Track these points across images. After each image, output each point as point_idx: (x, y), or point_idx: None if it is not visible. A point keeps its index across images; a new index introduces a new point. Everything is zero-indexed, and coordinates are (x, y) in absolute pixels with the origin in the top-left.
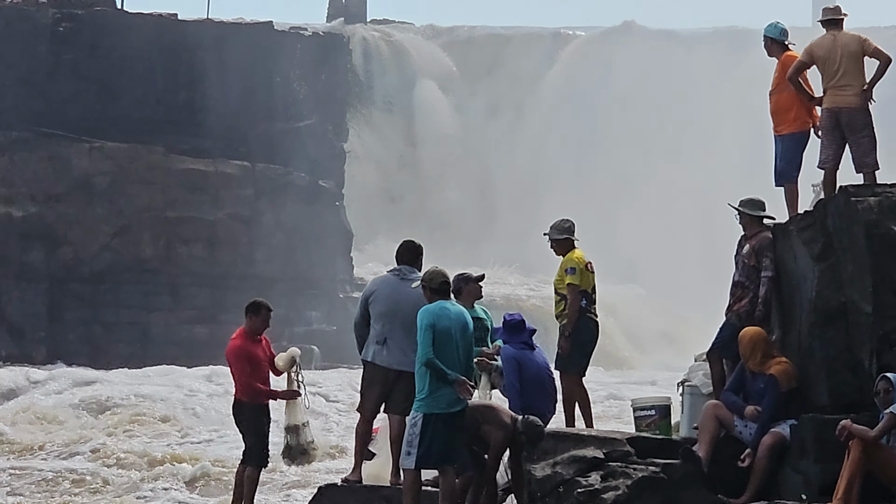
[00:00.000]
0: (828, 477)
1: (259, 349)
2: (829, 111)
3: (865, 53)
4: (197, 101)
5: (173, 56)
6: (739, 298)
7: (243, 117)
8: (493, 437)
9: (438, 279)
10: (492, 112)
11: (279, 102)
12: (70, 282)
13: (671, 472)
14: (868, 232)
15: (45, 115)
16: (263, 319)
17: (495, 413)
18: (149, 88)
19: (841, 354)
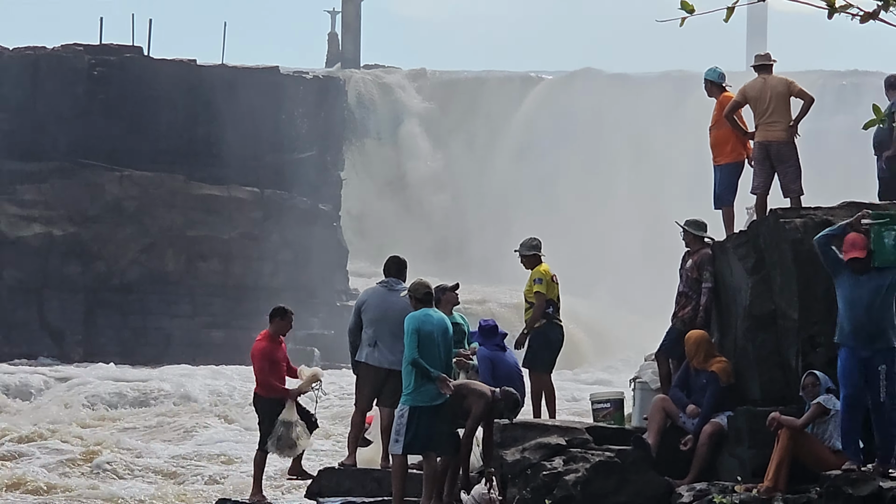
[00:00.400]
0: (760, 461)
1: (279, 351)
2: (760, 144)
3: (792, 94)
4: (213, 136)
5: (193, 96)
6: (683, 306)
7: (253, 149)
8: (474, 406)
9: (422, 290)
10: (468, 145)
11: (284, 137)
12: (103, 292)
13: (624, 457)
14: (794, 249)
15: (81, 147)
16: (287, 323)
17: (476, 387)
18: (171, 124)
19: (771, 354)
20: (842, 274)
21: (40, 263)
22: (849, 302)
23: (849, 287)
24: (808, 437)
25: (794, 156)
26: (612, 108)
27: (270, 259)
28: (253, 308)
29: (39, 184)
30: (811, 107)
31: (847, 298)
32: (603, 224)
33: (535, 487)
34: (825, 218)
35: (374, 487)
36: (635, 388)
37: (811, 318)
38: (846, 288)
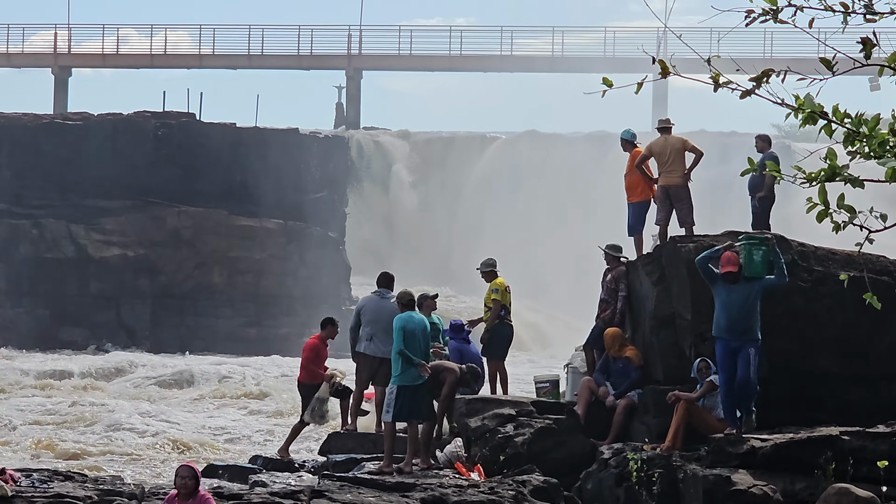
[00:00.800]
0: (662, 427)
1: (324, 350)
2: (662, 187)
3: (686, 149)
4: (248, 181)
5: (233, 151)
6: (604, 310)
7: (279, 191)
8: (448, 378)
9: (406, 297)
10: (441, 188)
11: (302, 181)
12: (165, 299)
13: (560, 424)
14: (688, 266)
15: (149, 189)
16: (335, 330)
17: (448, 365)
18: (216, 172)
19: (671, 346)
20: (717, 284)
21: (118, 277)
22: (725, 305)
23: (724, 294)
24: (700, 408)
25: (687, 196)
26: (550, 160)
27: (292, 274)
28: (278, 311)
29: (117, 217)
30: (701, 159)
31: (723, 302)
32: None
33: (493, 447)
34: (711, 243)
35: (370, 447)
36: (568, 372)
37: (701, 318)
38: (722, 294)
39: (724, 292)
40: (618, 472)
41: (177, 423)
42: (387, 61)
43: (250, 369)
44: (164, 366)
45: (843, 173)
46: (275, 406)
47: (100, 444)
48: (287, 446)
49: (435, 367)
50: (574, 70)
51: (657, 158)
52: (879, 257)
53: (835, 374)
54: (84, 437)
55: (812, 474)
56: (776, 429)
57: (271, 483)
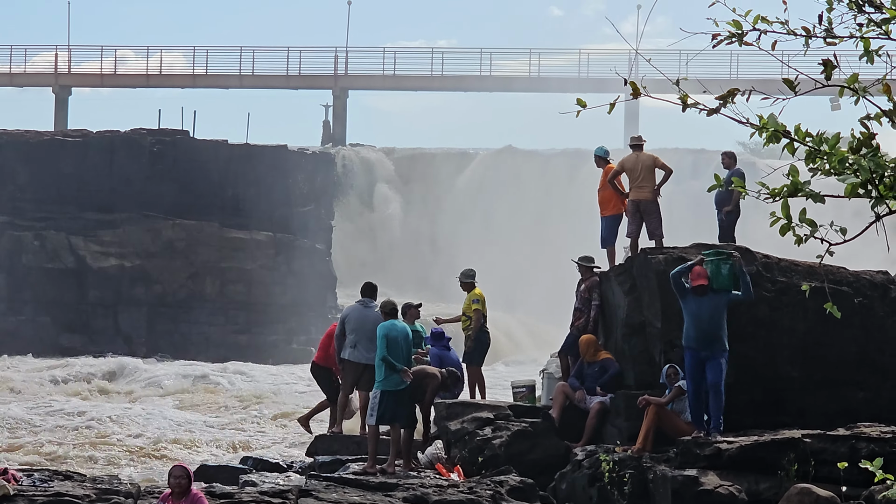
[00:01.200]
0: (633, 430)
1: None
2: (633, 202)
3: (656, 166)
4: (240, 195)
5: (225, 166)
6: (578, 318)
7: (269, 205)
8: (430, 384)
9: (389, 306)
10: (423, 202)
11: (291, 196)
12: (160, 307)
13: (536, 427)
14: (658, 277)
15: (145, 203)
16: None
17: (430, 370)
18: (209, 187)
19: (641, 353)
20: (687, 297)
21: (115, 286)
22: (694, 317)
23: (694, 306)
24: (669, 412)
25: (657, 210)
26: (527, 176)
27: (280, 284)
28: (267, 319)
29: (115, 229)
30: (670, 176)
31: (693, 314)
32: (521, 259)
33: (471, 449)
34: (681, 255)
35: (355, 448)
36: (543, 377)
37: (671, 327)
38: (692, 307)
39: (694, 305)
40: (591, 472)
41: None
42: (372, 81)
43: (238, 375)
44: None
45: (805, 189)
46: (267, 410)
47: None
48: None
49: (417, 373)
50: (550, 90)
51: (629, 174)
52: (839, 269)
53: (797, 380)
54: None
55: (775, 475)
56: (741, 431)
57: (261, 483)
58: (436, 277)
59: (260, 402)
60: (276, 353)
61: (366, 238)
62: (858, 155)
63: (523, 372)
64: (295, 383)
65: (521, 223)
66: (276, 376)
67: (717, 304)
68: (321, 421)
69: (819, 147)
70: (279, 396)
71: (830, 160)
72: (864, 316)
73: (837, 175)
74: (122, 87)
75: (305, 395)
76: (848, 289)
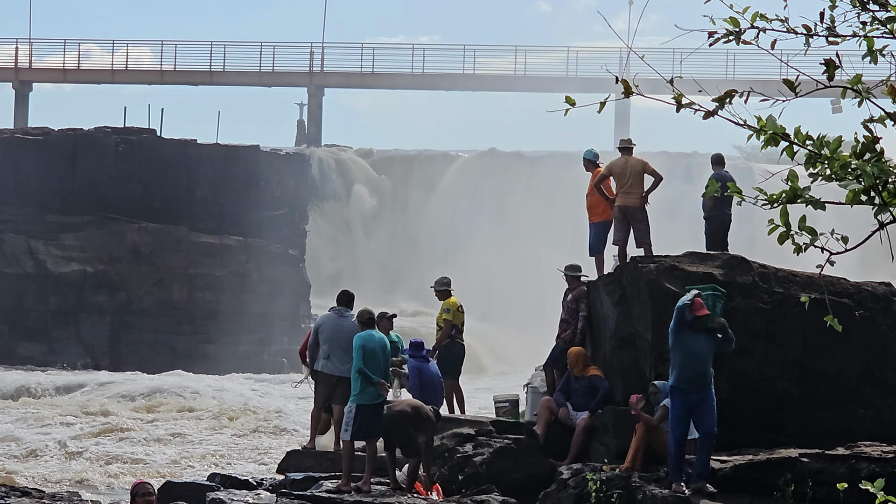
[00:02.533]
0: (621, 448)
1: None
2: (620, 207)
3: (646, 172)
4: (209, 198)
5: (193, 167)
6: (564, 329)
7: (239, 208)
8: (428, 425)
9: (366, 316)
10: (403, 207)
11: (263, 199)
12: (125, 315)
13: (519, 444)
14: (649, 287)
15: (109, 205)
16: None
17: (426, 412)
18: (177, 189)
19: (631, 367)
20: (684, 332)
21: (77, 293)
22: (690, 354)
23: (692, 343)
24: (658, 429)
25: (644, 218)
26: (511, 179)
27: (252, 291)
28: (237, 329)
29: (77, 232)
30: (660, 183)
31: (689, 352)
32: (504, 266)
33: (451, 466)
34: (672, 264)
35: (328, 465)
36: (528, 392)
37: (662, 339)
38: (689, 344)
39: (691, 342)
40: (577, 492)
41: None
42: (349, 79)
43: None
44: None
45: (805, 195)
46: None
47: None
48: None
49: (416, 408)
50: (537, 89)
51: (617, 178)
52: (840, 279)
53: (795, 396)
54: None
55: (771, 496)
56: (735, 450)
57: (229, 501)
58: (415, 285)
59: (229, 415)
60: (247, 365)
61: (342, 244)
62: (861, 160)
63: (506, 386)
64: (265, 396)
65: (505, 229)
66: (246, 388)
67: (710, 343)
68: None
69: (820, 151)
70: (249, 409)
71: (832, 165)
72: (865, 330)
73: (839, 181)
74: (85, 82)
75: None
76: (849, 301)
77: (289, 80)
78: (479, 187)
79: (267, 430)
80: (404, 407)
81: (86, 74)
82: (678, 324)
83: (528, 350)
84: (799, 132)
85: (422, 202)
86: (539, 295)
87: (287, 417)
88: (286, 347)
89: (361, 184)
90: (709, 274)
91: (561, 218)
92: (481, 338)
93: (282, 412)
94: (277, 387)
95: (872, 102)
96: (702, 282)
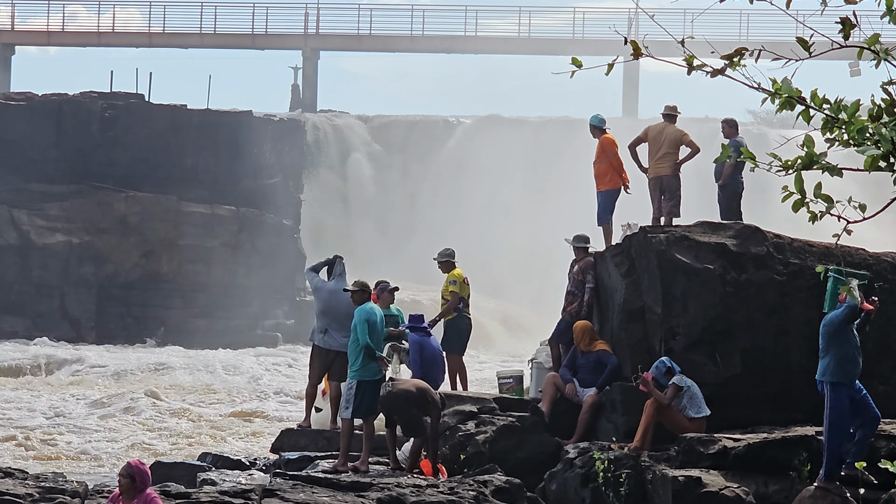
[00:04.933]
0: (630, 426)
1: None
2: (654, 179)
3: (683, 143)
4: (199, 165)
5: (183, 134)
6: (570, 302)
7: (231, 176)
8: (433, 409)
9: (367, 288)
10: (402, 175)
11: (256, 166)
12: (111, 288)
13: (523, 422)
14: (659, 258)
15: (95, 173)
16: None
17: (433, 396)
18: (166, 156)
19: (640, 341)
20: (847, 326)
21: (62, 265)
22: (856, 349)
23: (853, 337)
24: (669, 408)
25: (678, 188)
26: (514, 146)
27: (244, 263)
28: (230, 302)
29: (62, 202)
30: (695, 155)
31: (855, 346)
32: (509, 237)
33: (453, 445)
34: (683, 234)
35: (324, 444)
36: (532, 367)
37: (672, 312)
38: (852, 338)
39: (853, 336)
40: (584, 472)
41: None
42: (345, 41)
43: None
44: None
45: (821, 161)
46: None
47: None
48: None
49: (422, 391)
50: (542, 52)
51: (651, 145)
52: (858, 250)
53: (810, 372)
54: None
55: (787, 476)
56: (749, 428)
57: (221, 481)
58: (414, 257)
59: (220, 392)
60: (240, 340)
61: (338, 214)
62: (879, 123)
63: (510, 361)
64: (260, 373)
65: (510, 198)
66: (239, 364)
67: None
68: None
69: (837, 115)
70: (240, 386)
71: (849, 130)
72: (884, 302)
73: (856, 146)
74: (70, 45)
75: (271, 384)
76: (867, 272)
77: (282, 42)
78: (481, 154)
79: (259, 407)
80: (409, 387)
81: (71, 37)
82: (848, 320)
83: (532, 324)
84: (815, 95)
85: (421, 170)
86: (545, 266)
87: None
88: (281, 322)
89: (359, 151)
90: (721, 244)
91: (568, 186)
92: (485, 311)
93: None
94: (272, 360)
95: (892, 64)
96: (714, 252)
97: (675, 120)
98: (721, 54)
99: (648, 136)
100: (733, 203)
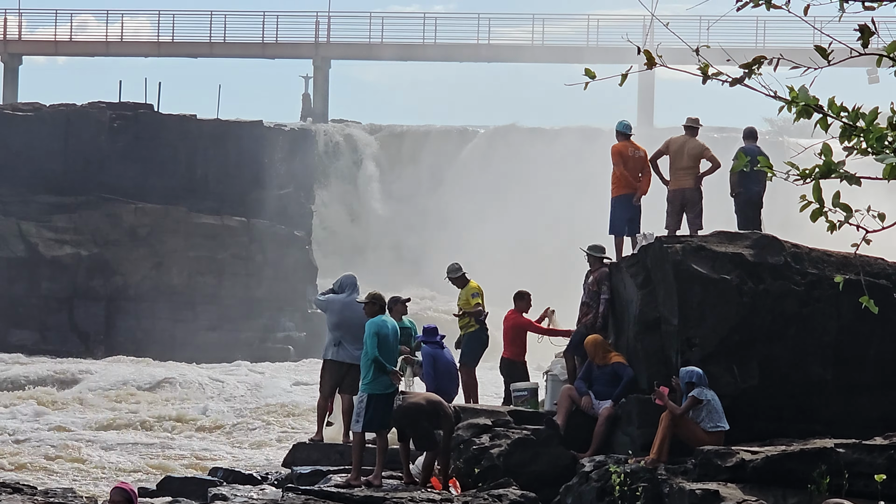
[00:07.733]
0: (646, 438)
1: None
2: (677, 191)
3: (703, 157)
4: (210, 176)
5: (193, 144)
6: (586, 314)
7: (242, 187)
8: (446, 422)
9: (380, 300)
10: (415, 185)
11: (267, 177)
12: (120, 301)
13: (538, 435)
14: (675, 268)
15: (104, 184)
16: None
17: (446, 410)
18: (176, 167)
19: (656, 353)
20: None
21: (70, 277)
22: None
23: None
24: (686, 420)
25: (700, 200)
26: (531, 155)
27: (255, 275)
28: (241, 314)
29: (70, 213)
30: (716, 170)
31: None
32: (524, 248)
33: (467, 459)
34: (700, 244)
35: (337, 458)
36: (547, 380)
37: (688, 323)
38: None
39: None
40: (599, 485)
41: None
42: (357, 50)
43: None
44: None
45: (839, 170)
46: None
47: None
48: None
49: (434, 403)
50: (556, 60)
51: (672, 158)
52: (877, 259)
53: (829, 383)
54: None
55: (805, 489)
56: (767, 441)
57: (232, 496)
58: (427, 269)
59: (233, 406)
60: (251, 353)
61: (350, 225)
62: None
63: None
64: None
65: (525, 209)
66: (251, 378)
67: None
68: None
69: (855, 123)
70: (253, 400)
71: (867, 138)
72: None
73: (875, 154)
74: (79, 55)
75: (282, 397)
76: (886, 282)
77: (293, 51)
78: (496, 165)
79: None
80: (419, 400)
81: (79, 46)
82: None
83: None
84: (833, 103)
85: (435, 181)
86: (561, 277)
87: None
88: (292, 334)
89: (370, 161)
90: (738, 254)
91: (585, 196)
92: (497, 323)
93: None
94: (284, 374)
95: None
96: (731, 262)
97: (696, 132)
98: (736, 62)
99: (670, 148)
100: (748, 212)
